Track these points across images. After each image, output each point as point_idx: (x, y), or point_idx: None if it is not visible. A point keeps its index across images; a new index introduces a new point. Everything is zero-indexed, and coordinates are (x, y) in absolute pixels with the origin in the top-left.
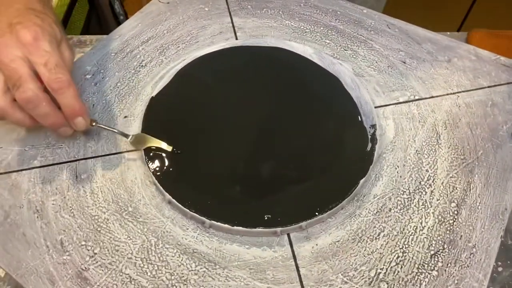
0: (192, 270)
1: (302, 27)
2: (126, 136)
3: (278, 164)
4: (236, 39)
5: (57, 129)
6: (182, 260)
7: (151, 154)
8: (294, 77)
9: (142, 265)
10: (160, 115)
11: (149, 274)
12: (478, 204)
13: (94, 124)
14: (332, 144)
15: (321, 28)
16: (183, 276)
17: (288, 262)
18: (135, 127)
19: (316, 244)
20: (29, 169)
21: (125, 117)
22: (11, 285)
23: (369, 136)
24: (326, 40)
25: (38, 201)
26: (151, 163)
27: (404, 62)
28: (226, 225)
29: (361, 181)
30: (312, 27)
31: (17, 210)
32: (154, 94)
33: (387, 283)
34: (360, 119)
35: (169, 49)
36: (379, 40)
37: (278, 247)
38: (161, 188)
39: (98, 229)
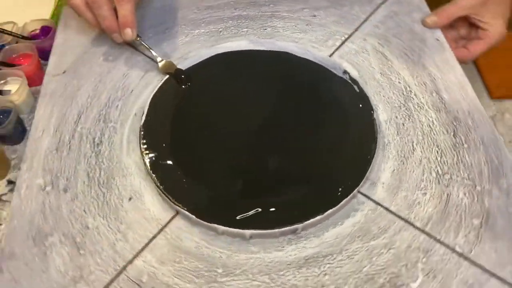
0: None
1: (214, 29)
2: (157, 58)
3: (298, 157)
4: None
5: (111, 34)
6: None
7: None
8: (253, 71)
9: None
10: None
11: None
12: (444, 81)
13: (138, 39)
14: (332, 107)
15: (230, 22)
16: None
17: (378, 211)
18: (147, 199)
19: (383, 183)
20: None
21: (130, 199)
22: None
23: (350, 80)
24: (242, 29)
25: None
26: (198, 219)
27: (315, 16)
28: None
29: (373, 119)
30: (222, 24)
31: None
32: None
33: (448, 174)
34: (332, 72)
35: (110, 113)
36: (282, 8)
37: (360, 205)
38: (239, 230)
39: None
